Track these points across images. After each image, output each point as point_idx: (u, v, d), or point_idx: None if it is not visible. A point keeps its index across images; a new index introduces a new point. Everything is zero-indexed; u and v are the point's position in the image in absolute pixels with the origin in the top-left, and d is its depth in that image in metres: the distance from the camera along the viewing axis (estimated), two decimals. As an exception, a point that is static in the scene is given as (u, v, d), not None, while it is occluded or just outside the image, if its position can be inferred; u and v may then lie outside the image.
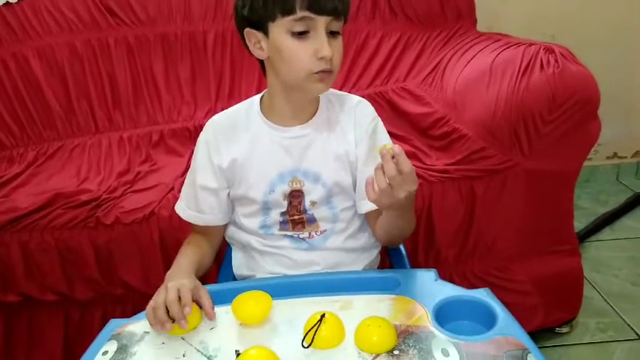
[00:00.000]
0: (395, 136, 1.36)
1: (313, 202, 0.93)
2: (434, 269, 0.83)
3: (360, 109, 0.95)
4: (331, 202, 0.94)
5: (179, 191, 1.26)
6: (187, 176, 0.99)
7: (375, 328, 0.68)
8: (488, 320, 0.71)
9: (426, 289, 0.78)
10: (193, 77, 1.64)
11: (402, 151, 0.73)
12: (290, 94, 0.90)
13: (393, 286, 0.80)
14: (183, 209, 0.99)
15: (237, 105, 0.98)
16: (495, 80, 1.25)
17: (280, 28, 0.82)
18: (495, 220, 1.27)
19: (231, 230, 1.00)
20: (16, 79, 1.56)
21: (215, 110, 1.55)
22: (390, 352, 0.66)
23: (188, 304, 0.76)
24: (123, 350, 0.72)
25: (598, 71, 1.22)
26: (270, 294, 0.76)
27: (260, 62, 0.91)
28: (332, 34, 0.83)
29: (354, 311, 0.74)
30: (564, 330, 1.42)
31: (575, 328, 1.43)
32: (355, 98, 0.97)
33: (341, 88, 1.55)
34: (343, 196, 0.94)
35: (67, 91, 1.59)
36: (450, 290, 0.77)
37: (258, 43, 0.86)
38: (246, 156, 0.93)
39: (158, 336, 0.74)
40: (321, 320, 0.68)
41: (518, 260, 1.32)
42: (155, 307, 0.76)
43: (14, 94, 1.57)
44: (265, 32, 0.84)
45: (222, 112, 0.98)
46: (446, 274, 1.27)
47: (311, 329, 0.67)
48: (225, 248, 1.05)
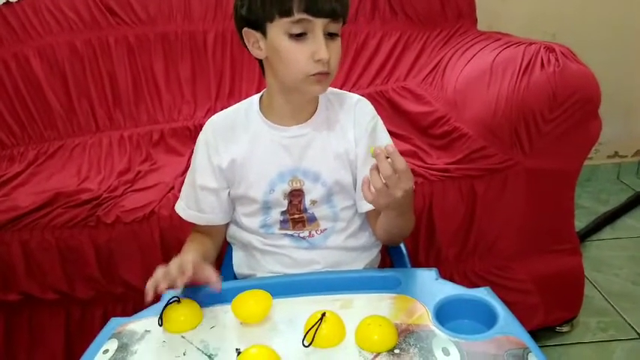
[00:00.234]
0: (395, 135, 1.36)
1: (313, 201, 0.93)
2: (434, 268, 0.83)
3: (359, 108, 0.95)
4: (331, 201, 0.94)
5: (179, 190, 1.26)
6: (187, 176, 0.99)
7: (375, 327, 0.68)
8: (489, 319, 0.71)
9: (426, 288, 0.78)
10: (194, 76, 1.64)
11: (395, 150, 0.73)
12: (288, 95, 0.90)
13: (394, 285, 0.80)
14: (184, 209, 0.98)
15: (236, 105, 0.98)
16: (496, 79, 1.25)
17: (278, 29, 0.82)
18: (496, 219, 1.27)
19: (231, 229, 1.00)
20: (17, 79, 1.56)
21: (215, 109, 1.55)
22: (390, 351, 0.66)
23: (187, 268, 0.76)
24: (123, 349, 0.72)
25: (599, 70, 1.22)
26: (270, 293, 0.76)
27: (259, 62, 0.91)
28: (330, 36, 0.83)
29: (355, 310, 0.74)
30: (565, 329, 1.42)
31: (575, 327, 1.43)
32: (355, 97, 0.97)
33: (341, 87, 1.55)
34: (343, 195, 0.94)
35: (67, 90, 1.59)
36: (451, 289, 0.77)
37: (256, 43, 0.86)
38: (245, 156, 0.92)
39: (159, 335, 0.74)
40: (321, 319, 0.68)
41: (519, 259, 1.32)
42: (155, 274, 0.76)
43: (15, 94, 1.57)
44: (263, 32, 0.84)
45: (221, 112, 0.98)
46: (446, 273, 1.27)
47: (311, 328, 0.67)
48: (225, 247, 1.05)
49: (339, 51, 0.85)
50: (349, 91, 1.00)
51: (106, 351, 0.72)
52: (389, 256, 1.08)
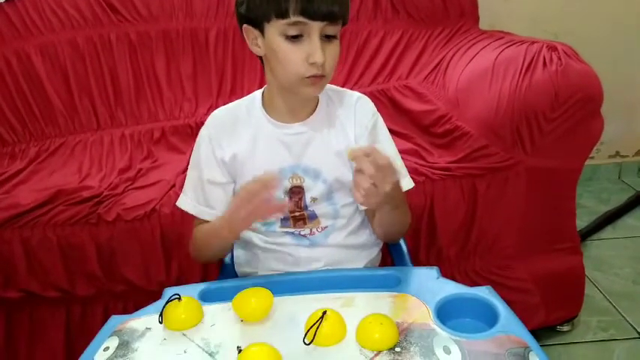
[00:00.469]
0: (397, 134, 1.36)
1: (314, 199, 0.93)
2: (436, 267, 0.83)
3: (360, 105, 0.95)
4: (332, 199, 0.94)
5: (180, 188, 1.26)
6: (190, 173, 0.97)
7: (376, 325, 0.67)
8: (490, 318, 0.71)
9: (427, 287, 0.78)
10: (195, 74, 1.64)
11: (373, 147, 0.74)
12: (286, 93, 0.90)
13: (395, 284, 0.80)
14: (194, 206, 0.95)
15: (237, 100, 0.98)
16: (498, 78, 1.25)
17: (275, 29, 0.82)
18: (497, 218, 1.27)
19: (233, 227, 1.00)
20: (18, 76, 1.57)
21: (216, 107, 1.53)
22: (391, 349, 0.66)
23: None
24: (124, 346, 0.72)
25: (601, 70, 1.22)
26: (271, 291, 0.76)
27: (260, 58, 0.91)
28: (327, 38, 0.83)
29: (356, 308, 0.74)
30: (565, 328, 1.42)
31: (576, 326, 1.43)
32: (355, 94, 0.97)
33: (343, 85, 1.54)
34: (344, 192, 0.94)
35: (68, 87, 1.59)
36: (452, 288, 0.77)
37: (255, 40, 0.87)
38: (246, 152, 0.92)
39: (159, 332, 0.74)
40: (322, 317, 0.68)
41: (520, 258, 1.32)
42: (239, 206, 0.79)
43: (16, 91, 1.57)
44: (262, 31, 0.85)
45: (223, 107, 0.98)
46: (447, 272, 1.27)
47: (312, 326, 0.67)
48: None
49: (336, 54, 0.85)
50: (351, 90, 0.99)
51: (106, 348, 0.72)
52: (390, 255, 1.08)
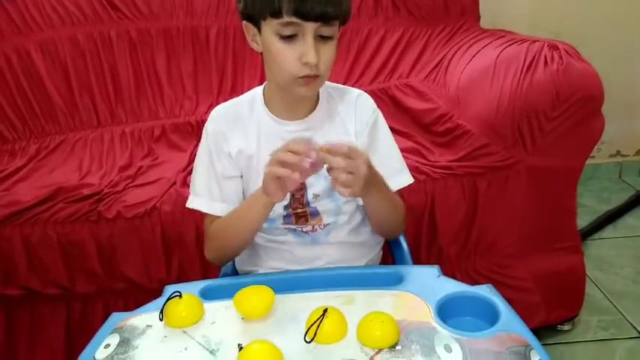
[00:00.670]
0: (398, 133, 1.36)
1: (316, 195, 0.93)
2: (437, 265, 0.83)
3: (360, 102, 0.95)
4: (334, 195, 0.93)
5: (181, 186, 1.27)
6: (198, 171, 0.95)
7: (377, 323, 0.67)
8: (491, 316, 0.71)
9: (428, 285, 0.78)
10: (195, 72, 1.64)
11: (330, 143, 0.77)
12: (283, 91, 0.90)
13: (396, 282, 0.79)
14: (207, 203, 0.93)
15: (238, 97, 0.98)
16: (499, 77, 1.25)
17: (270, 28, 0.82)
18: (498, 217, 1.27)
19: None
20: (19, 73, 1.56)
21: (217, 105, 1.54)
22: (392, 347, 0.66)
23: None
24: (125, 343, 0.72)
25: (602, 69, 1.22)
26: (272, 289, 0.76)
27: (261, 54, 0.91)
28: (323, 39, 0.83)
29: (357, 306, 0.74)
30: (566, 327, 1.42)
31: (576, 325, 1.43)
32: (355, 91, 0.97)
33: (344, 84, 1.54)
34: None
35: (69, 84, 1.59)
36: (453, 286, 0.77)
37: (254, 37, 0.87)
38: (249, 148, 0.93)
39: (160, 330, 0.74)
40: (323, 315, 0.68)
41: (521, 257, 1.32)
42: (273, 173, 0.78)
43: (16, 88, 1.57)
44: (259, 29, 0.85)
45: (226, 103, 0.98)
46: (448, 271, 1.25)
47: (313, 324, 0.67)
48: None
49: (331, 54, 0.84)
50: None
51: (107, 345, 0.72)
52: (391, 254, 1.08)
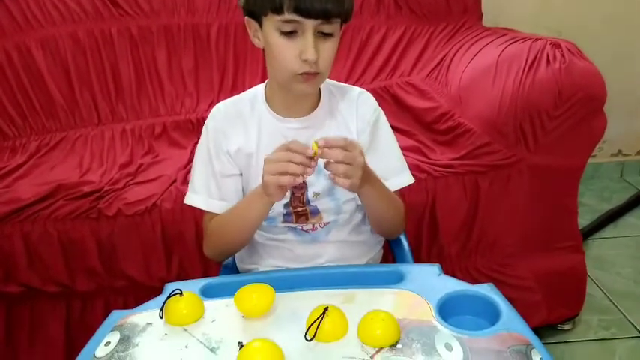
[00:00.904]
0: (399, 131, 1.36)
1: (316, 194, 0.93)
2: (437, 264, 0.83)
3: (362, 100, 0.95)
4: (334, 194, 0.93)
5: (182, 183, 1.27)
6: (197, 168, 0.95)
7: (378, 321, 0.67)
8: (492, 315, 0.70)
9: (429, 284, 0.77)
10: (196, 69, 1.64)
11: (325, 139, 0.77)
12: (284, 89, 0.89)
13: (397, 280, 0.79)
14: (205, 200, 0.93)
15: (239, 94, 0.97)
16: (501, 75, 1.24)
17: (271, 23, 0.82)
18: (499, 215, 1.26)
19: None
20: (19, 70, 1.56)
21: (218, 102, 1.54)
22: (393, 345, 0.66)
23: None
24: (125, 341, 0.71)
25: (603, 68, 1.21)
26: (273, 286, 0.76)
27: (262, 50, 0.91)
28: (323, 36, 0.82)
29: (358, 304, 0.74)
30: (566, 327, 1.41)
31: (577, 325, 1.43)
32: (357, 89, 0.97)
33: (345, 81, 1.54)
34: (345, 188, 0.94)
35: (69, 82, 1.58)
36: (454, 285, 0.77)
37: (256, 33, 0.87)
38: (250, 146, 0.92)
39: (161, 327, 0.74)
40: (324, 313, 0.67)
41: (521, 256, 1.32)
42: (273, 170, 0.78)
43: (17, 85, 1.56)
44: (260, 24, 0.85)
45: (227, 100, 0.97)
46: (448, 270, 1.25)
47: (314, 322, 0.67)
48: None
49: (331, 51, 0.84)
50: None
51: (107, 343, 0.71)
52: (391, 253, 1.08)
